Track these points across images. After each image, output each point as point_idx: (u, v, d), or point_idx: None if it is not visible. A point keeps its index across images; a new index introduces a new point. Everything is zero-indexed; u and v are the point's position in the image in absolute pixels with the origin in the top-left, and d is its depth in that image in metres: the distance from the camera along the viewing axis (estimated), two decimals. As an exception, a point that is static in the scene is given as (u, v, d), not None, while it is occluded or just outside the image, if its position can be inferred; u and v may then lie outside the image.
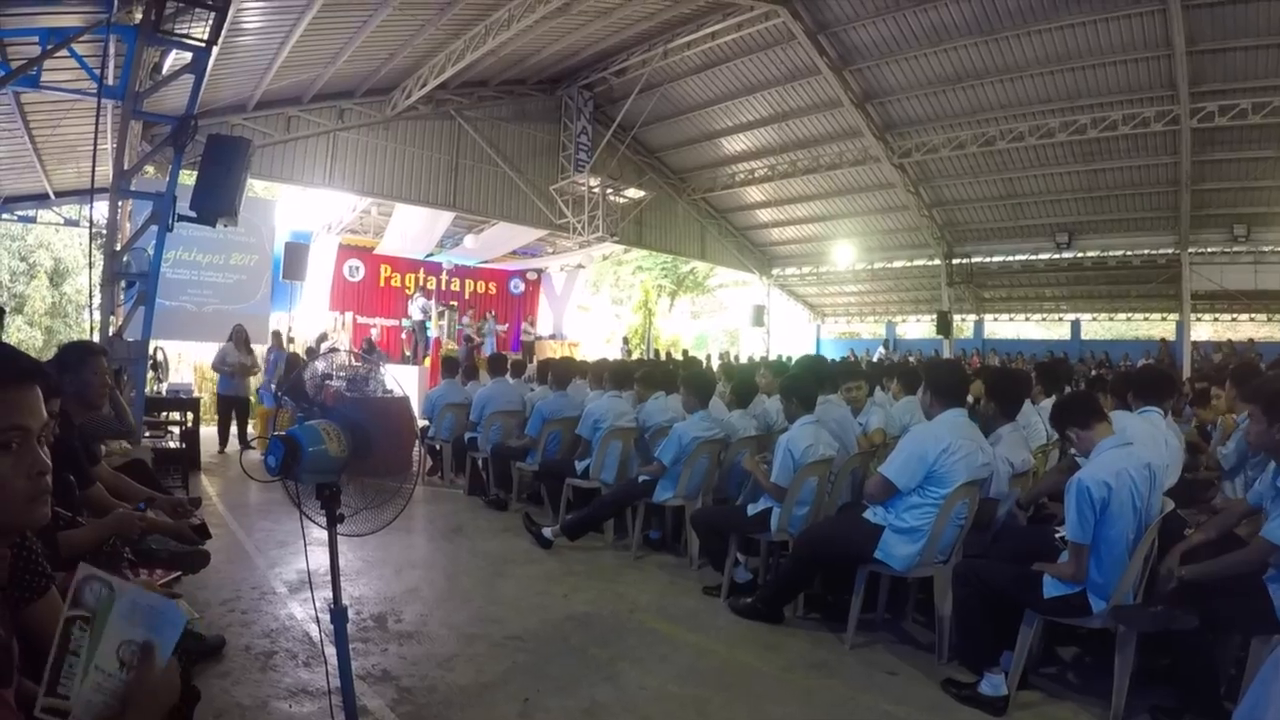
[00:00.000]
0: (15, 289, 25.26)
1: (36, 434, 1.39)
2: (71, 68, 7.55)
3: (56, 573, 2.47)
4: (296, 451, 2.45)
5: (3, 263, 24.83)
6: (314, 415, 2.72)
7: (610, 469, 6.87)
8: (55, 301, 25.89)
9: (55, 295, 25.90)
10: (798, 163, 19.98)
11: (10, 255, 25.35)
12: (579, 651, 4.24)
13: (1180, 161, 15.71)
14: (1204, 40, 13.34)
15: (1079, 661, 4.30)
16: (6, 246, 24.93)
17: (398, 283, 22.47)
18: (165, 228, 7.75)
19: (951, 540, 4.27)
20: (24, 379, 1.41)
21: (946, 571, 4.17)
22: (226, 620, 4.49)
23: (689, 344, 32.64)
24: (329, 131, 16.58)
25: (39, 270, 25.73)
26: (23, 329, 24.33)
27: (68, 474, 3.41)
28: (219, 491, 8.66)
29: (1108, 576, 3.47)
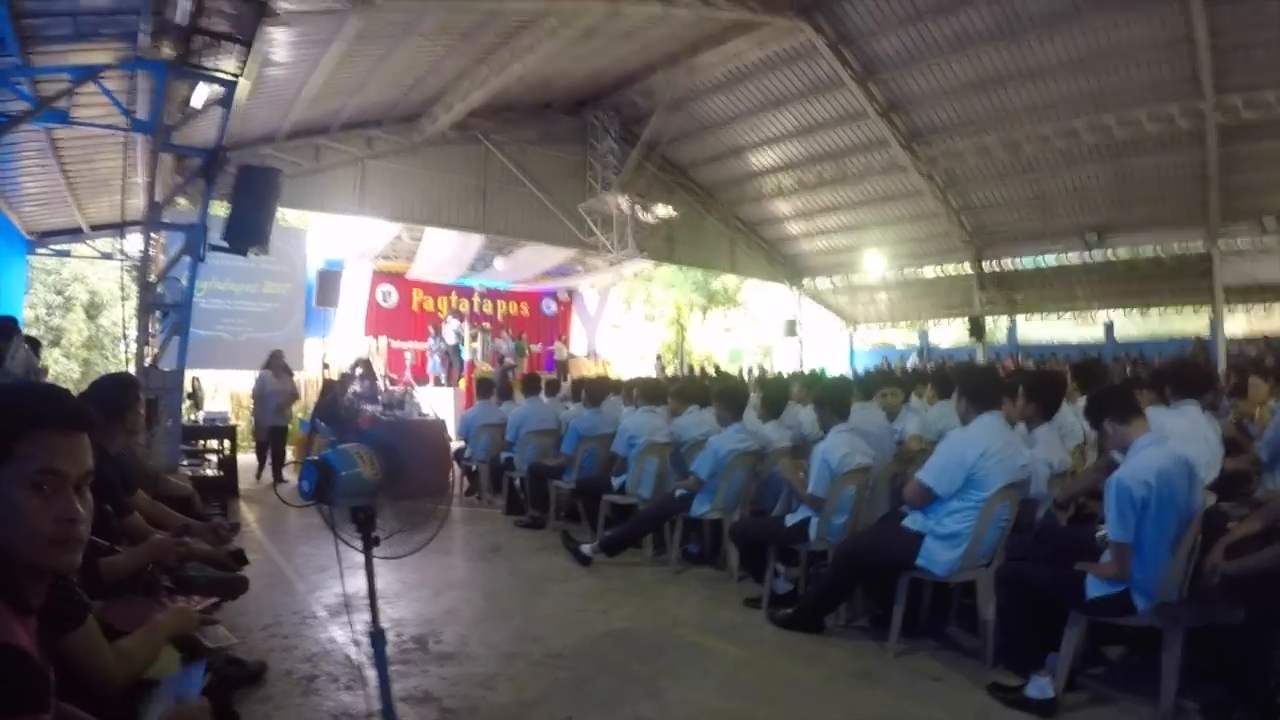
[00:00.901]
0: (52, 322, 25.65)
1: (74, 481, 1.39)
2: (102, 103, 7.70)
3: (96, 600, 2.53)
4: (330, 476, 2.46)
5: (39, 296, 25.20)
6: (347, 440, 2.73)
7: (647, 484, 6.85)
8: (92, 334, 26.33)
9: (92, 328, 26.33)
10: (825, 174, 19.94)
11: (46, 289, 25.77)
12: (620, 668, 4.21)
13: (1207, 156, 15.43)
14: (1226, 34, 13.12)
15: (1126, 661, 4.21)
16: (43, 280, 25.33)
17: (430, 307, 22.62)
18: (198, 258, 7.88)
19: (993, 544, 4.21)
20: (69, 424, 1.41)
21: (989, 575, 4.10)
22: (268, 645, 4.51)
23: (722, 358, 32.54)
24: (358, 159, 16.81)
25: (75, 303, 26.18)
26: (60, 361, 24.70)
27: (104, 504, 3.46)
28: (257, 518, 8.74)
29: (1151, 574, 3.40)
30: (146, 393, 7.37)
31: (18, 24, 6.73)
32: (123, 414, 3.88)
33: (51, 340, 24.58)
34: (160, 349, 8.23)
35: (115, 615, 2.57)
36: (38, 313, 24.70)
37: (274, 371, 11.57)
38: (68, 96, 7.52)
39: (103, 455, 3.54)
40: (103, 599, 2.75)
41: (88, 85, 7.46)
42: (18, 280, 14.40)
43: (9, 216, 12.72)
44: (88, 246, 15.92)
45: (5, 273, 12.89)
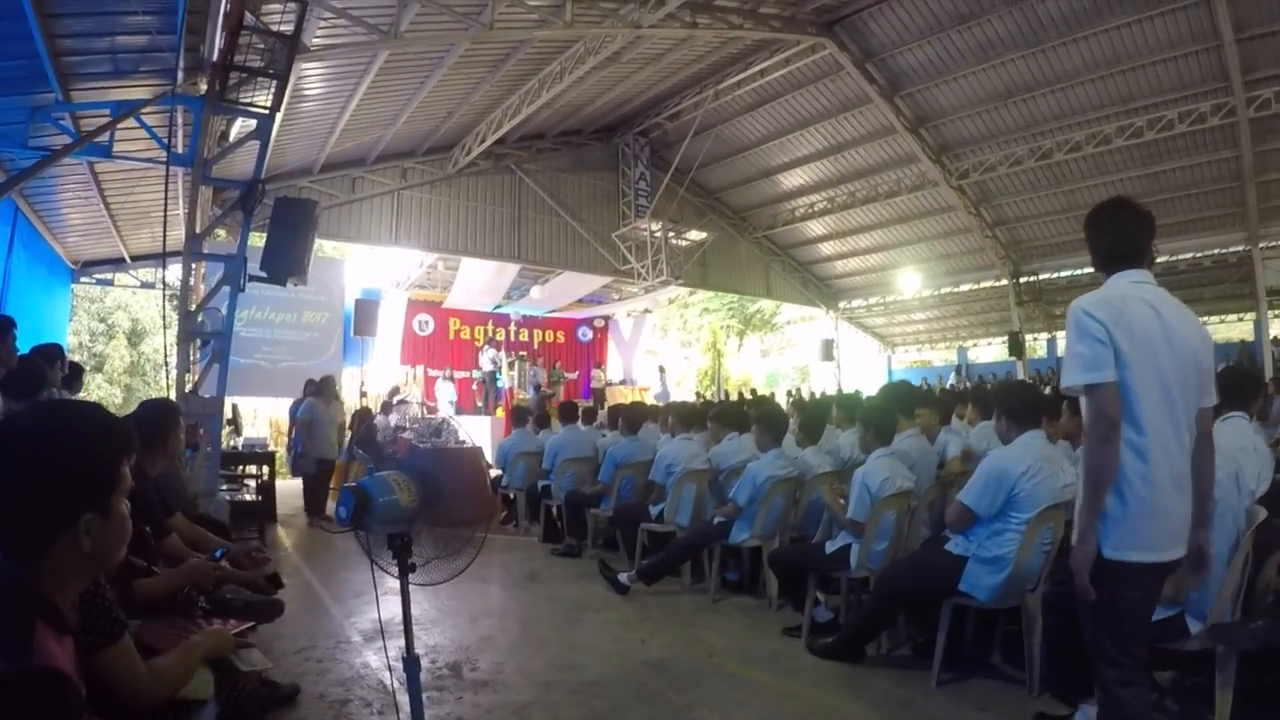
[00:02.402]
0: (95, 348, 26.55)
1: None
2: (142, 137, 7.88)
3: (132, 620, 2.56)
4: (367, 502, 2.48)
5: (83, 324, 26.03)
6: (385, 466, 2.74)
7: (685, 512, 6.78)
8: (134, 360, 27.14)
9: (134, 354, 27.16)
10: (856, 193, 19.86)
11: (90, 316, 26.68)
12: (656, 698, 4.15)
13: (1241, 155, 15.15)
14: (1252, 26, 12.89)
15: (1176, 686, 4.07)
16: (86, 309, 26.22)
17: (467, 335, 22.81)
18: (237, 288, 7.98)
19: (1038, 567, 4.08)
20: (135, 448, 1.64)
21: (1035, 600, 3.99)
22: (302, 669, 4.52)
23: (759, 383, 32.43)
24: (393, 191, 17.04)
25: (117, 330, 27.08)
26: (103, 386, 25.56)
27: (143, 525, 3.50)
28: (295, 543, 8.81)
29: (1204, 594, 3.27)
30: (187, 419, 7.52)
31: (57, 62, 6.91)
32: (164, 439, 3.98)
33: (94, 366, 25.44)
34: (201, 376, 8.34)
35: (152, 635, 2.61)
36: (81, 339, 25.55)
37: (324, 399, 10.92)
38: (108, 131, 7.66)
39: (143, 478, 3.64)
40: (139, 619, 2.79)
41: (128, 120, 7.64)
42: (62, 308, 14.74)
43: (53, 247, 13.04)
44: (130, 276, 16.34)
45: (50, 301, 13.18)
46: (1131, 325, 2.62)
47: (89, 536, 1.45)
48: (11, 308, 9.12)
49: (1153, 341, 2.62)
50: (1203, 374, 2.70)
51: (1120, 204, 2.88)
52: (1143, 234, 2.81)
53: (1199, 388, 2.69)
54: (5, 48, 6.56)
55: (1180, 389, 2.64)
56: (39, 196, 10.76)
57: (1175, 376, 2.63)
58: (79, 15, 6.49)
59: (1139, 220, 2.81)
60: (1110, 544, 2.59)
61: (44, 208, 11.33)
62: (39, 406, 1.86)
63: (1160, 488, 2.60)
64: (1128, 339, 2.61)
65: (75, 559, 1.46)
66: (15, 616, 1.37)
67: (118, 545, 1.55)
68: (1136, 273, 2.76)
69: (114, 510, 1.51)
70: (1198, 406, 2.70)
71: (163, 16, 6.72)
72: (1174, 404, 2.63)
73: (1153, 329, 2.63)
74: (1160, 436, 2.61)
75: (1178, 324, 2.67)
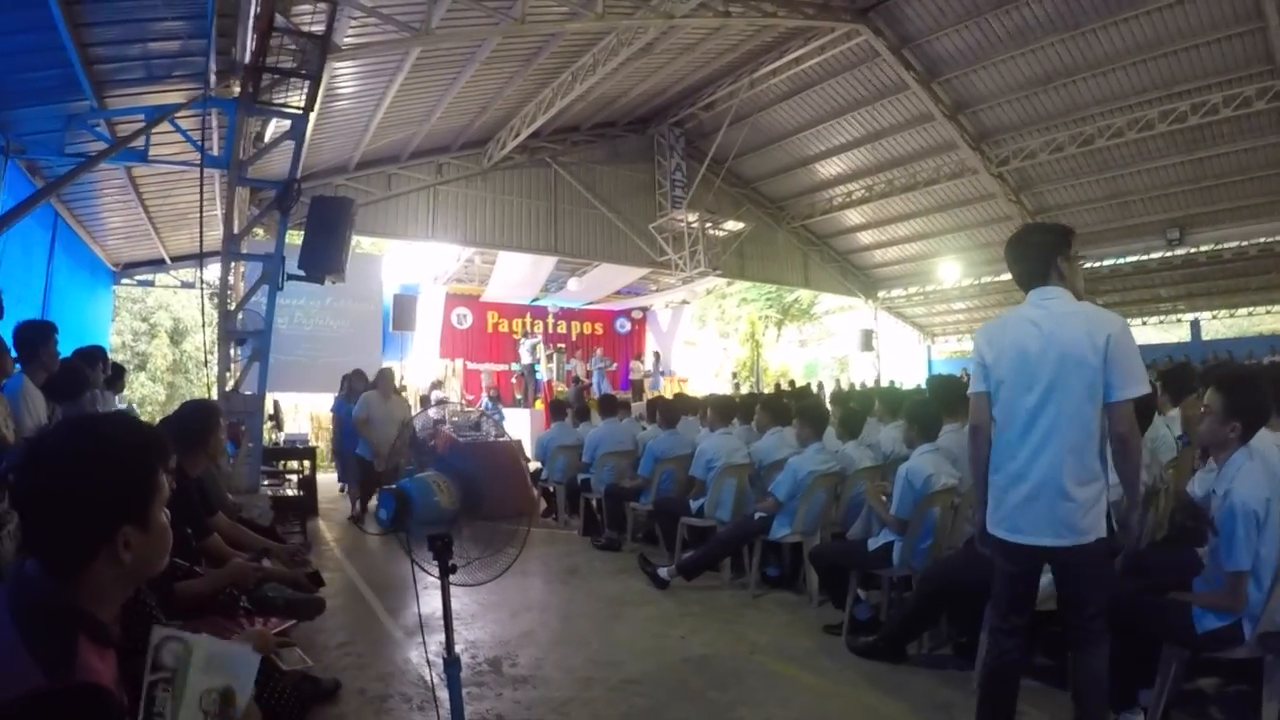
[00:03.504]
0: (138, 348, 27.11)
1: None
2: (178, 140, 7.98)
3: (173, 621, 2.58)
4: (407, 504, 2.48)
5: (125, 324, 26.58)
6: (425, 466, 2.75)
7: (725, 506, 6.74)
8: (176, 359, 27.66)
9: (176, 353, 27.69)
10: (895, 181, 19.59)
11: (132, 316, 27.25)
12: (697, 695, 4.13)
13: (1288, 140, 14.70)
14: None
15: (1221, 694, 3.95)
16: (129, 309, 26.77)
17: (505, 329, 22.89)
18: (276, 287, 8.07)
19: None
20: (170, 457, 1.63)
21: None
22: (343, 664, 4.56)
23: (798, 373, 32.23)
24: (429, 186, 17.15)
25: (159, 330, 27.58)
26: (146, 385, 26.11)
27: (185, 526, 3.54)
28: (336, 537, 8.89)
29: (1258, 600, 3.15)
30: (228, 417, 7.61)
31: (90, 70, 7.00)
32: (204, 439, 4.02)
33: (138, 365, 25.96)
34: (241, 374, 8.44)
35: None
36: (124, 339, 26.05)
37: (382, 392, 9.80)
38: (143, 136, 7.77)
39: (184, 479, 3.69)
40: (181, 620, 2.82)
41: (163, 124, 7.73)
42: (105, 310, 15.06)
43: (94, 250, 13.28)
44: (170, 276, 16.65)
45: (93, 303, 13.44)
46: (1004, 345, 3.12)
47: (129, 550, 1.44)
48: (54, 311, 9.30)
49: (1024, 356, 3.04)
50: (1087, 374, 2.94)
51: (1020, 233, 3.35)
52: (1044, 256, 3.16)
53: (1089, 388, 2.94)
54: (39, 58, 6.64)
55: (1060, 394, 2.96)
56: (79, 202, 10.94)
57: (1050, 381, 2.97)
58: (110, 24, 6.55)
59: (1036, 245, 3.22)
60: (990, 520, 3.15)
61: (84, 213, 11.53)
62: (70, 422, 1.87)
63: (1014, 478, 3.05)
64: (996, 357, 3.13)
65: (115, 572, 1.45)
66: (57, 632, 1.37)
67: (159, 556, 1.54)
68: (1038, 291, 3.15)
69: (153, 521, 1.50)
70: (1099, 403, 2.96)
71: (193, 21, 6.78)
72: (1047, 407, 2.98)
73: (1028, 344, 3.03)
74: (1016, 435, 3.06)
75: (1061, 333, 2.98)
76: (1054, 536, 2.97)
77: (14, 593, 1.43)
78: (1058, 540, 2.96)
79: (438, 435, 10.51)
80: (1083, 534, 2.94)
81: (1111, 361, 2.91)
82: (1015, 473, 3.05)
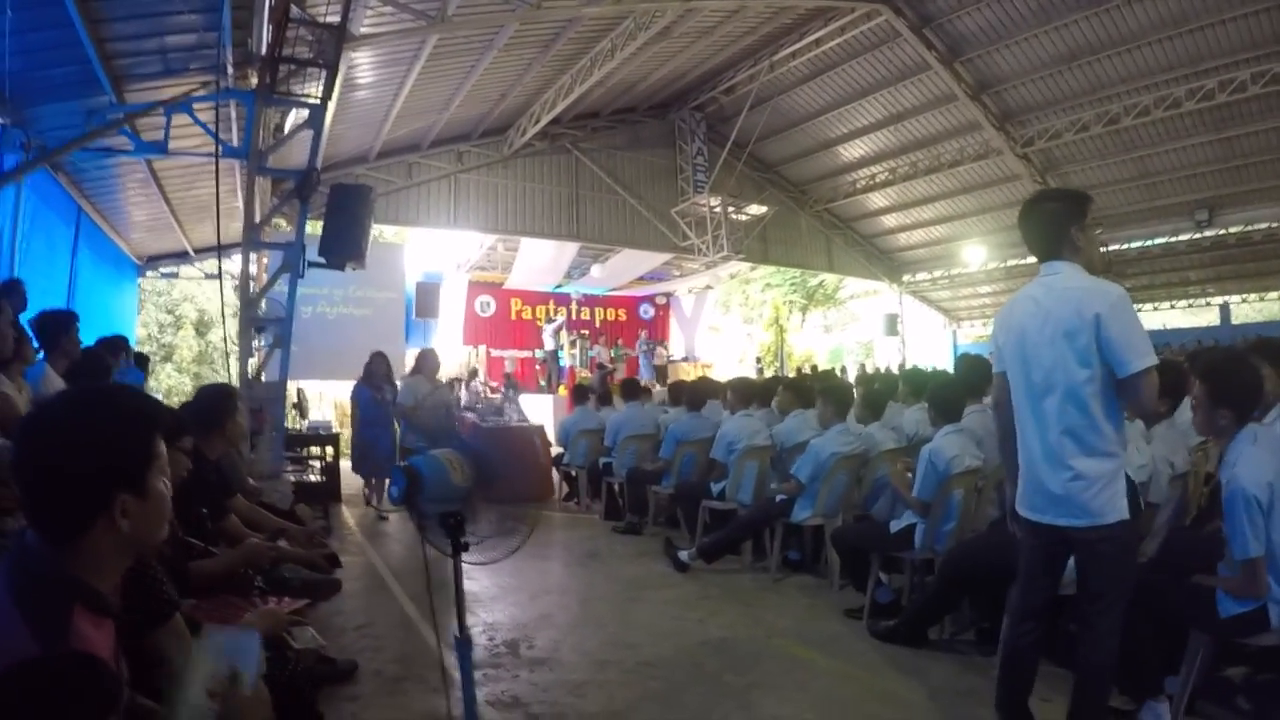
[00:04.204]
0: (164, 339, 27.50)
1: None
2: (197, 133, 8.00)
3: (187, 600, 2.62)
4: (418, 481, 2.49)
5: (151, 316, 26.90)
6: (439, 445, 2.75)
7: (746, 489, 6.72)
8: (201, 349, 27.94)
9: (201, 343, 27.96)
10: (918, 164, 19.30)
11: (158, 309, 27.63)
12: (713, 679, 4.11)
13: (1322, 118, 14.28)
14: None
15: (1249, 682, 3.85)
16: (154, 301, 27.14)
17: (528, 315, 23.00)
18: (297, 275, 8.09)
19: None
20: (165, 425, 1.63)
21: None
22: (360, 646, 4.58)
23: (823, 358, 32.08)
24: (450, 174, 17.15)
25: (185, 321, 27.97)
26: (172, 375, 26.46)
27: (201, 507, 3.58)
28: (358, 522, 8.93)
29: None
30: (251, 404, 7.66)
31: (108, 65, 7.05)
32: (221, 423, 4.07)
33: (163, 356, 26.31)
34: (263, 362, 8.49)
35: (205, 615, 2.70)
36: (150, 331, 26.37)
37: (426, 375, 9.18)
38: (163, 129, 7.81)
39: (202, 461, 3.73)
40: (194, 599, 2.84)
41: (182, 117, 7.77)
42: (130, 302, 15.22)
43: (118, 244, 13.41)
44: (194, 268, 16.74)
45: (118, 296, 13.59)
46: (1010, 324, 3.15)
47: (126, 517, 1.44)
48: (79, 304, 9.41)
49: (1025, 334, 3.05)
50: (1081, 353, 2.89)
51: (1033, 200, 3.25)
52: (1057, 224, 3.07)
53: (1083, 366, 2.90)
54: (56, 54, 6.70)
55: (1060, 373, 2.94)
56: (102, 196, 11.03)
57: (1050, 361, 2.96)
58: (126, 19, 6.59)
59: (1050, 213, 3.12)
60: (1017, 500, 3.17)
61: (107, 207, 11.63)
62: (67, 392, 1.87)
63: (1027, 458, 3.08)
64: (1005, 337, 3.16)
65: (113, 541, 1.45)
66: (52, 601, 1.38)
67: (157, 525, 1.54)
68: (1047, 265, 3.10)
69: (151, 489, 1.50)
70: (1099, 381, 2.90)
71: (208, 14, 6.79)
72: (1049, 387, 2.97)
73: (1029, 322, 3.04)
74: (1026, 415, 3.07)
75: (1058, 311, 2.95)
76: (1068, 517, 2.94)
77: (12, 562, 1.44)
78: (1072, 520, 2.94)
79: (460, 421, 10.54)
80: (1097, 515, 2.89)
81: (1106, 340, 2.85)
82: (1028, 453, 3.08)
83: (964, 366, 5.92)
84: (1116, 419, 2.95)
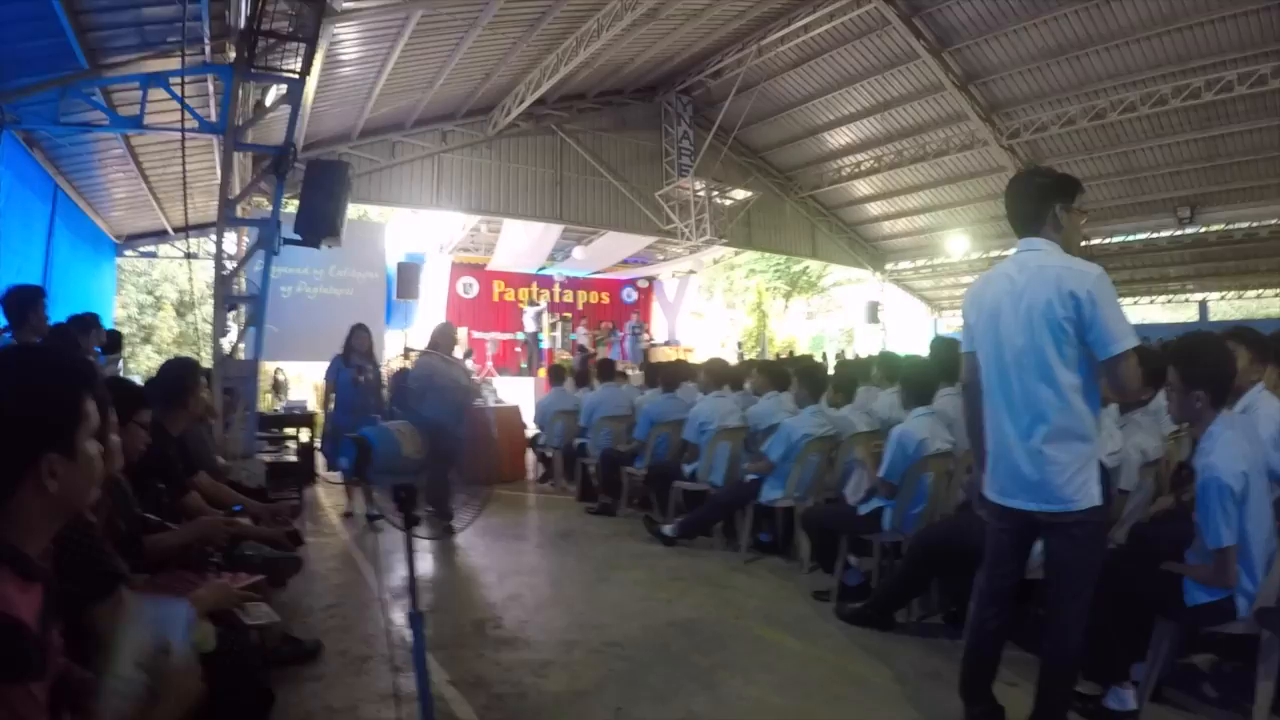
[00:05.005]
0: (144, 320, 27.24)
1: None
2: (175, 109, 7.87)
3: (140, 575, 2.57)
4: (368, 452, 2.43)
5: (131, 296, 26.66)
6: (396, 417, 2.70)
7: (719, 470, 6.70)
8: (182, 330, 27.68)
9: (181, 324, 27.68)
10: (904, 152, 19.28)
11: (137, 289, 27.33)
12: (679, 659, 4.09)
13: (1306, 120, 14.33)
14: None
15: (1217, 670, 3.88)
16: (134, 281, 26.84)
17: (511, 298, 22.90)
18: (271, 252, 8.00)
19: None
20: (96, 386, 1.58)
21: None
22: (327, 625, 4.56)
23: (805, 345, 32.13)
24: (433, 154, 16.97)
25: (165, 302, 27.72)
26: (151, 357, 26.06)
27: (160, 482, 3.53)
28: (334, 503, 8.84)
29: (1253, 576, 3.08)
30: (225, 382, 7.58)
31: (84, 38, 6.93)
32: (184, 397, 4.03)
33: (143, 338, 25.95)
34: (239, 339, 8.42)
35: (157, 589, 2.65)
36: (130, 312, 26.12)
37: (445, 354, 7.57)
38: (139, 103, 7.69)
39: (163, 435, 3.68)
40: (147, 574, 2.80)
41: (158, 91, 7.65)
42: (108, 282, 15.03)
43: (96, 222, 13.23)
44: (173, 248, 16.49)
45: (96, 275, 13.41)
46: (982, 302, 3.06)
47: (54, 478, 1.41)
48: (56, 284, 9.30)
49: (999, 312, 2.96)
50: (1057, 334, 2.83)
51: (1023, 173, 3.25)
52: (1042, 199, 3.00)
53: (1059, 348, 2.83)
54: (30, 26, 6.56)
55: (1033, 354, 2.87)
56: (79, 173, 10.86)
57: (1024, 340, 2.88)
58: (101, -11, 6.48)
59: (1037, 186, 3.06)
60: (985, 482, 3.11)
61: (84, 184, 11.46)
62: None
63: (997, 441, 3.01)
64: (976, 315, 3.08)
65: (42, 502, 1.42)
66: None
67: (87, 487, 1.51)
68: (1025, 241, 3.02)
69: (80, 451, 1.47)
70: (1075, 363, 2.84)
71: (186, -14, 6.69)
72: (1021, 368, 2.90)
73: (1003, 300, 2.95)
74: (997, 396, 3.00)
75: (1033, 290, 2.87)
76: (1039, 502, 2.89)
77: None
78: (1042, 506, 2.88)
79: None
80: (1069, 501, 2.84)
81: (1086, 321, 2.78)
82: (998, 435, 3.01)
83: (937, 349, 5.90)
84: (1092, 402, 2.89)
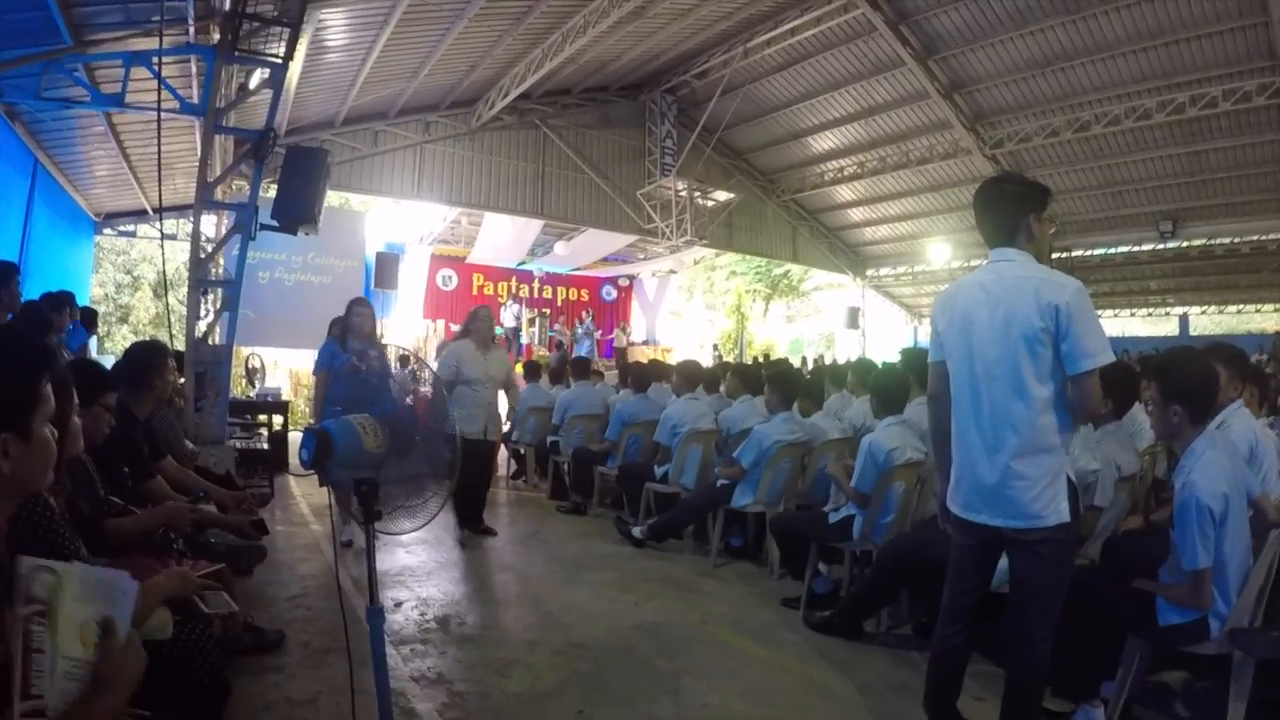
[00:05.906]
0: (121, 300, 26.95)
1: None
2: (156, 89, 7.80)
3: (99, 558, 2.52)
4: (328, 444, 2.38)
5: (108, 275, 26.42)
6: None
7: (690, 473, 6.66)
8: (159, 311, 27.31)
9: (159, 306, 27.32)
10: (887, 159, 19.36)
11: (116, 268, 27.03)
12: (643, 663, 4.05)
13: (1286, 136, 14.52)
14: None
15: (1188, 689, 3.86)
16: (112, 260, 26.55)
17: (490, 291, 22.79)
18: (248, 237, 7.89)
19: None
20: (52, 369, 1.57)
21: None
22: (290, 616, 4.51)
23: (784, 349, 32.21)
24: (416, 144, 16.88)
25: (143, 283, 27.36)
26: (128, 337, 25.62)
27: (124, 465, 3.46)
28: (304, 492, 8.75)
29: (1226, 597, 3.05)
30: (197, 366, 7.49)
31: (68, 13, 6.85)
32: (150, 380, 3.98)
33: (120, 318, 25.61)
34: (213, 324, 8.34)
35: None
36: (107, 291, 25.79)
37: (476, 341, 6.79)
38: (121, 81, 7.61)
39: (128, 418, 3.61)
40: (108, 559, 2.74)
41: (141, 70, 7.58)
42: (85, 260, 14.89)
43: (76, 199, 13.08)
44: (152, 228, 16.31)
45: (73, 252, 13.26)
46: (953, 311, 2.98)
47: (8, 459, 1.41)
48: (33, 259, 9.19)
49: (971, 322, 2.88)
50: (1033, 346, 2.75)
51: (992, 180, 3.08)
52: (1015, 208, 2.91)
53: (1034, 360, 2.76)
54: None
55: (1006, 366, 2.79)
56: (60, 148, 10.74)
57: (998, 352, 2.80)
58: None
59: (1009, 195, 2.95)
60: (949, 495, 3.03)
61: (65, 160, 11.34)
62: None
63: (964, 453, 2.93)
64: (946, 324, 3.00)
65: None
66: None
67: (41, 470, 1.51)
68: (998, 252, 2.93)
69: (34, 433, 1.46)
70: (1049, 377, 2.77)
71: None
72: (993, 380, 2.82)
73: (976, 310, 2.87)
74: (966, 408, 2.92)
75: (1009, 301, 2.79)
76: (1005, 517, 2.81)
77: None
78: (1009, 521, 2.80)
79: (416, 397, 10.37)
80: (1035, 517, 2.76)
81: (1064, 333, 2.71)
82: (965, 447, 2.93)
83: (911, 357, 5.88)
84: (1063, 415, 2.82)
